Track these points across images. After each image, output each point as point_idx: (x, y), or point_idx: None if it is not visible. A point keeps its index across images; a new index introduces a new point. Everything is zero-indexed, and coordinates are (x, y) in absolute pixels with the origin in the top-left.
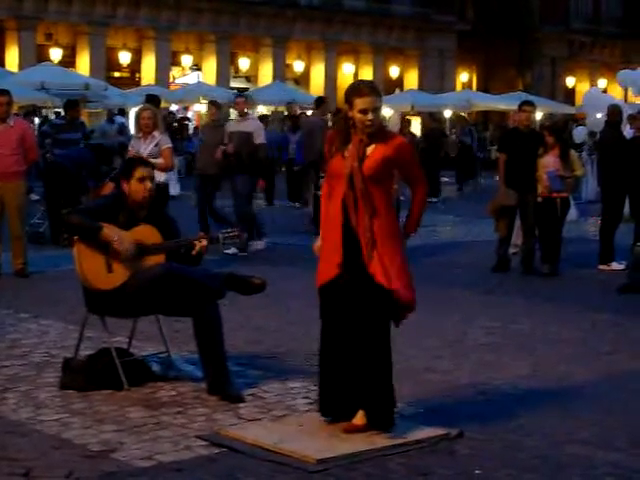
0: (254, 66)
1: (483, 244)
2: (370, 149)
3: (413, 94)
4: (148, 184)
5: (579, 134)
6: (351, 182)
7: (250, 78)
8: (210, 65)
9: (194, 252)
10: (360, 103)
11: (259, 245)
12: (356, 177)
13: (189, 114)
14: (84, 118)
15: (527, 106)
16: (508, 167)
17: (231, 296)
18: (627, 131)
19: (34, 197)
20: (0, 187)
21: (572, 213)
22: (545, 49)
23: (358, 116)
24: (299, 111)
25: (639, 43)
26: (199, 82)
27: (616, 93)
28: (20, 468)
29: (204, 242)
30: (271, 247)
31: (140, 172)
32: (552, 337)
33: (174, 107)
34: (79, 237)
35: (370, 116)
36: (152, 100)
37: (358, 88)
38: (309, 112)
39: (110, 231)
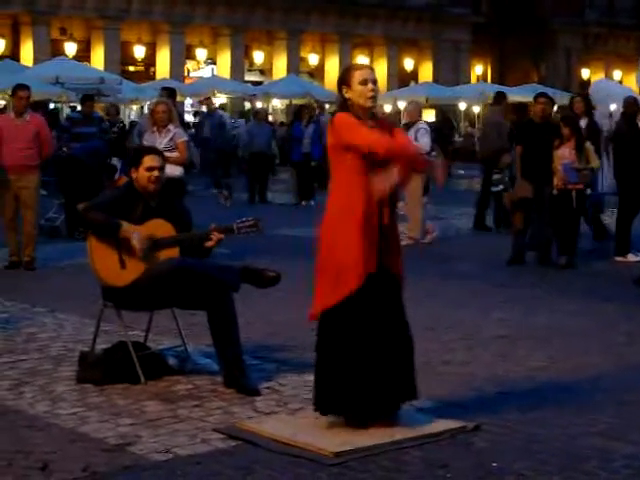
0: (268, 59)
1: (498, 236)
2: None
3: (428, 86)
4: (155, 173)
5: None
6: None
7: (264, 71)
8: (225, 58)
9: (210, 244)
10: (359, 74)
11: None
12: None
13: (204, 108)
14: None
15: (542, 98)
16: (524, 159)
17: (246, 289)
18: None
19: (42, 192)
20: (15, 180)
21: None
22: (560, 41)
23: (360, 88)
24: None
25: None
26: (214, 75)
27: (632, 84)
28: (37, 462)
29: (217, 235)
30: (288, 240)
31: (148, 161)
32: (568, 329)
33: (189, 101)
34: (96, 233)
35: (371, 86)
36: (168, 93)
37: (352, 64)
38: (327, 106)
39: (129, 229)
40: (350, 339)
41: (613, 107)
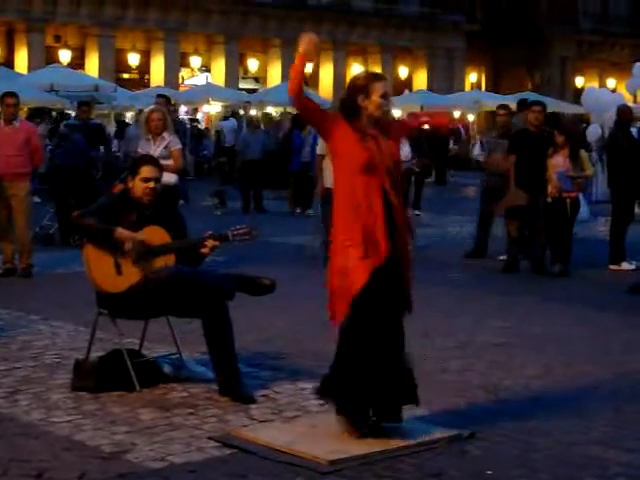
0: (263, 67)
1: (492, 244)
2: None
3: (422, 94)
4: (151, 184)
5: (592, 133)
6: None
7: (259, 79)
8: (219, 66)
9: (205, 251)
10: (381, 87)
11: None
12: (395, 170)
13: (198, 115)
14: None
15: (536, 106)
16: (518, 168)
17: (241, 297)
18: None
19: (35, 200)
20: (6, 187)
21: (583, 211)
22: (554, 49)
23: (379, 101)
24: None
25: None
26: (208, 83)
27: (625, 92)
28: (32, 470)
29: (212, 242)
30: (283, 248)
31: (145, 172)
32: (563, 337)
33: (184, 108)
34: (90, 239)
35: (388, 99)
36: (165, 100)
37: (375, 74)
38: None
39: (122, 232)
40: (360, 339)
41: (606, 116)
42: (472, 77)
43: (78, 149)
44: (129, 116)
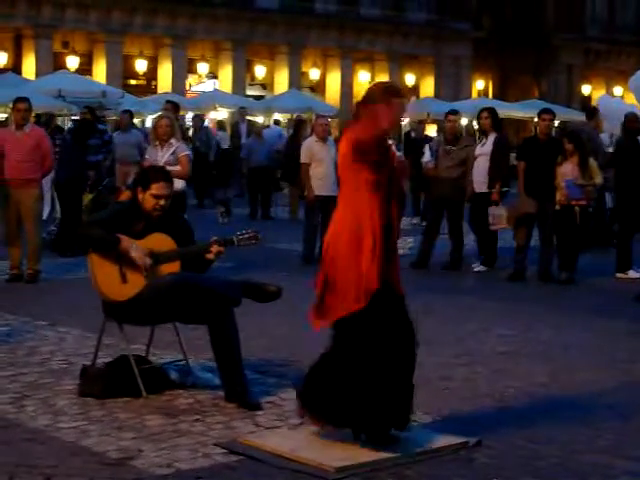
0: (270, 74)
1: (498, 251)
2: None
3: (429, 102)
4: (162, 202)
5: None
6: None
7: (266, 86)
8: (226, 73)
9: (210, 256)
10: (400, 104)
11: None
12: (395, 182)
13: (205, 122)
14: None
15: (547, 115)
16: (527, 175)
17: (247, 303)
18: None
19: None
20: (15, 193)
21: None
22: (561, 57)
23: (395, 118)
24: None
25: None
26: (215, 90)
27: (632, 100)
28: (39, 476)
29: (217, 248)
30: (288, 254)
31: (156, 188)
32: (569, 345)
33: (190, 115)
34: (95, 249)
35: (400, 118)
36: (173, 106)
37: (396, 89)
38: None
39: (128, 243)
40: (361, 354)
41: (615, 124)
42: (479, 84)
43: (71, 157)
44: (135, 122)
